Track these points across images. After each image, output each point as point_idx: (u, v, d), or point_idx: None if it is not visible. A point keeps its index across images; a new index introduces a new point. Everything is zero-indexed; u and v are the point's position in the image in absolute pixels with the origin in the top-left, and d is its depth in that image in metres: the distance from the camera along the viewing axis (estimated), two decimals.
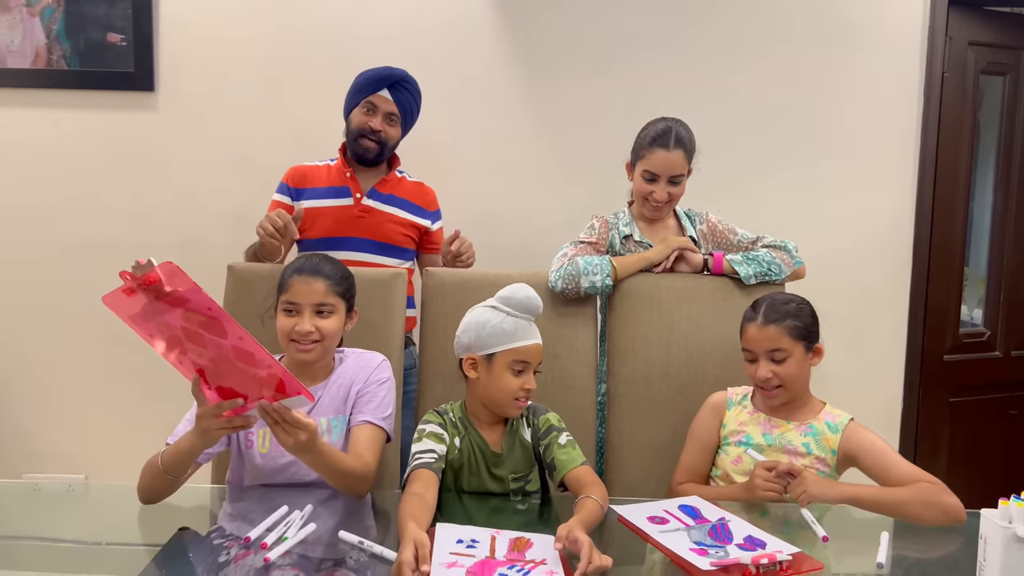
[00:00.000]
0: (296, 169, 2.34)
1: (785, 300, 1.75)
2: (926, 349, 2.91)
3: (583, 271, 2.00)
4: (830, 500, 1.54)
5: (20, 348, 2.86)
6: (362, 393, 1.70)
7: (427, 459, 1.57)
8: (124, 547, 1.55)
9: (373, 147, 2.25)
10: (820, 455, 1.70)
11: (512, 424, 1.70)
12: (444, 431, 1.65)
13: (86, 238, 2.81)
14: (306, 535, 1.39)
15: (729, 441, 1.78)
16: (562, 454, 1.63)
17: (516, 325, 1.63)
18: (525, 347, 1.62)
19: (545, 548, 1.34)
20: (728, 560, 1.29)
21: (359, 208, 2.27)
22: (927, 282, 2.89)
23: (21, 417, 2.88)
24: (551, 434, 1.68)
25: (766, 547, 1.35)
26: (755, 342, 1.72)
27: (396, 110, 2.25)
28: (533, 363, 1.63)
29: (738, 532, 1.42)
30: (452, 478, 1.66)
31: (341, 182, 2.29)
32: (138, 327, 1.35)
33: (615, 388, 2.06)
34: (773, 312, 1.71)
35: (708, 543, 1.37)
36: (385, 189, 2.31)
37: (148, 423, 2.83)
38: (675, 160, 2.03)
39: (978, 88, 2.94)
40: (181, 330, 1.32)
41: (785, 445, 1.72)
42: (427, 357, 2.06)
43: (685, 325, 2.03)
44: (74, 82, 2.72)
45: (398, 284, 2.05)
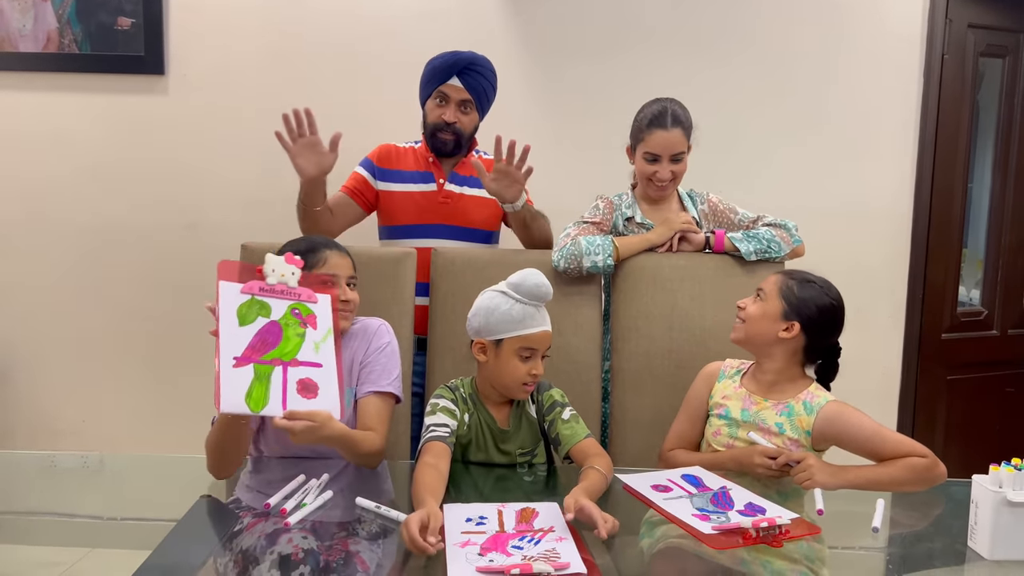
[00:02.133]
0: (384, 148, 2.31)
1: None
2: (924, 328, 2.95)
3: (585, 251, 2.04)
4: (833, 487, 1.54)
5: (34, 328, 2.90)
6: (365, 363, 1.75)
7: (441, 432, 1.62)
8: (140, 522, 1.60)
9: (450, 139, 2.22)
10: (793, 436, 1.69)
11: (518, 401, 1.75)
12: (456, 407, 1.70)
13: (97, 220, 2.85)
14: (324, 502, 1.45)
15: (713, 412, 1.81)
16: (566, 429, 1.69)
17: (524, 312, 1.64)
18: (532, 334, 1.64)
19: (551, 516, 1.39)
20: (729, 524, 1.35)
21: (442, 195, 2.25)
22: (926, 262, 2.93)
23: (35, 396, 2.93)
24: (555, 410, 1.72)
25: (766, 513, 1.40)
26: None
27: (469, 96, 2.19)
28: (540, 349, 1.66)
29: (739, 499, 1.47)
30: (460, 452, 1.71)
31: (425, 167, 2.27)
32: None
33: (619, 364, 2.11)
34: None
35: (710, 509, 1.43)
36: (465, 171, 2.28)
37: (161, 401, 2.89)
38: (674, 138, 2.06)
39: (977, 70, 2.96)
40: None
41: (759, 423, 1.73)
42: (436, 334, 2.11)
43: (687, 302, 2.08)
44: (85, 66, 2.75)
45: (407, 263, 2.09)
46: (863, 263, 2.90)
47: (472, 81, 2.19)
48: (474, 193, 2.27)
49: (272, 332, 1.48)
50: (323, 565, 1.21)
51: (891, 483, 1.57)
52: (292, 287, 1.53)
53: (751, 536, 1.32)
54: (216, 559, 1.32)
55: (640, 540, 1.40)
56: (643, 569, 1.33)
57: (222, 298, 1.45)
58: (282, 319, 1.50)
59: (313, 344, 1.51)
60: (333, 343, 1.53)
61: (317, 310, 1.55)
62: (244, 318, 1.46)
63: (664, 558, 1.35)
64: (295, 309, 1.52)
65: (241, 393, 1.40)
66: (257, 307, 1.48)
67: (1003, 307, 3.11)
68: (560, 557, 1.24)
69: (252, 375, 1.43)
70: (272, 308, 1.50)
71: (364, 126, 2.41)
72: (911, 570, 1.33)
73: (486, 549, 1.26)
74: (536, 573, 1.15)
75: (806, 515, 1.42)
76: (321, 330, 1.54)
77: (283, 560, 1.22)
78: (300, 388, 1.46)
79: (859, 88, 2.85)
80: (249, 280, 1.49)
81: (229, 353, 1.42)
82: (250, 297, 1.48)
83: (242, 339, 1.44)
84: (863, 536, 1.42)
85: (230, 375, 1.40)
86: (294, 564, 1.21)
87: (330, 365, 1.51)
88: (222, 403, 1.39)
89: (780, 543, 1.31)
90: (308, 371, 1.48)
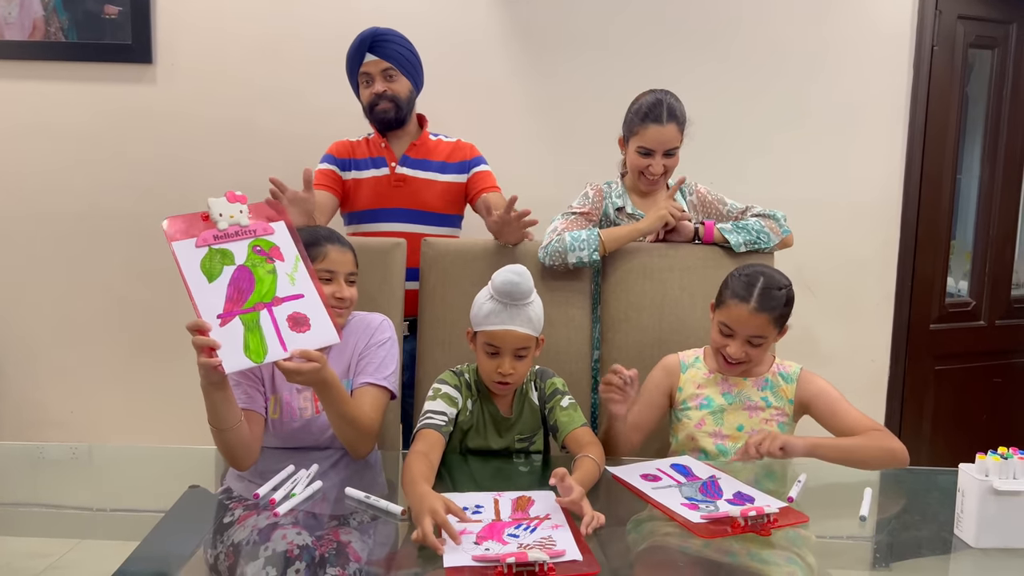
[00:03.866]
0: (340, 143, 2.37)
1: (778, 285, 1.70)
2: (913, 318, 2.97)
3: (570, 247, 2.02)
4: (799, 450, 1.56)
5: (21, 319, 2.89)
6: (363, 355, 1.74)
7: (437, 420, 1.62)
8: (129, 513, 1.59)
9: (389, 107, 2.25)
10: (778, 406, 1.75)
11: (522, 389, 1.74)
12: (459, 393, 1.70)
13: (85, 210, 2.83)
14: (313, 492, 1.45)
15: (689, 405, 1.80)
16: (563, 416, 1.69)
17: (492, 308, 1.61)
18: (494, 331, 1.61)
19: (547, 504, 1.40)
20: (718, 513, 1.36)
21: (395, 177, 2.29)
22: (914, 253, 2.95)
23: (23, 387, 2.92)
24: (555, 397, 1.72)
25: (754, 502, 1.42)
26: (740, 324, 1.69)
27: (389, 64, 2.24)
28: (505, 349, 1.62)
29: (728, 489, 1.48)
30: (460, 437, 1.72)
31: (378, 152, 2.33)
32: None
33: (609, 355, 2.11)
34: (768, 300, 1.67)
35: (699, 499, 1.44)
36: (417, 154, 2.32)
37: (150, 392, 2.88)
38: (668, 134, 2.05)
39: (967, 61, 2.97)
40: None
41: (745, 401, 1.76)
42: (425, 325, 2.11)
43: (677, 293, 2.09)
44: (72, 54, 2.73)
45: (397, 254, 2.09)
46: (852, 254, 2.91)
47: (385, 50, 2.24)
48: (429, 176, 2.31)
49: (243, 278, 1.44)
50: (315, 557, 1.21)
51: (851, 450, 1.60)
52: (245, 225, 1.48)
53: (739, 525, 1.32)
54: (206, 549, 1.31)
55: (629, 530, 1.40)
56: (633, 558, 1.33)
57: (181, 259, 1.41)
58: (247, 261, 1.46)
59: (287, 276, 1.47)
60: (305, 268, 1.49)
61: (277, 240, 1.50)
62: (211, 273, 1.42)
63: (654, 548, 1.35)
64: (256, 246, 1.47)
65: (239, 349, 1.38)
66: (219, 257, 1.44)
67: (991, 298, 3.13)
68: (556, 544, 1.24)
69: (242, 327, 1.40)
70: (234, 253, 1.45)
71: (352, 115, 2.40)
72: (898, 558, 1.34)
73: (482, 537, 1.26)
74: (532, 561, 1.15)
75: (794, 504, 1.43)
76: (289, 260, 1.49)
77: (273, 550, 1.22)
78: (292, 324, 1.44)
79: (849, 79, 2.85)
80: (201, 232, 1.44)
81: (211, 313, 1.39)
82: (208, 249, 1.43)
83: (217, 295, 1.41)
84: (850, 525, 1.43)
85: (221, 335, 1.38)
86: (284, 554, 1.21)
87: (311, 292, 1.48)
88: (225, 365, 1.37)
89: (768, 532, 1.32)
90: (293, 305, 1.45)
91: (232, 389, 1.54)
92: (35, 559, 2.18)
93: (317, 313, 1.46)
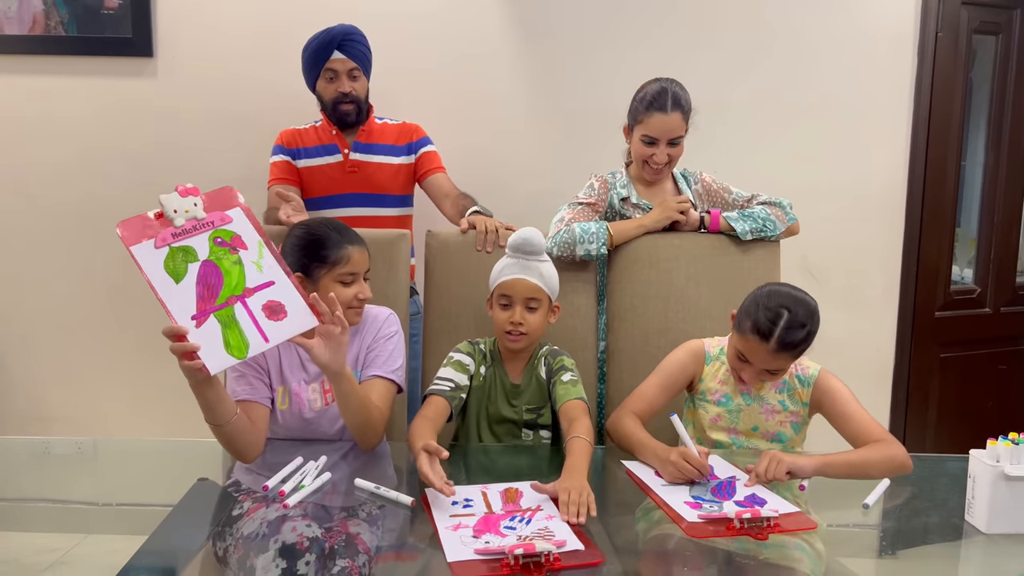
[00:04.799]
0: (287, 132, 2.43)
1: (801, 322, 1.60)
2: (918, 306, 2.96)
3: (579, 239, 2.02)
4: (806, 472, 1.51)
5: (23, 314, 2.88)
6: (371, 349, 1.74)
7: (443, 387, 1.72)
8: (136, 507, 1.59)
9: (351, 109, 2.34)
10: (794, 409, 1.74)
11: (533, 362, 1.83)
12: (472, 359, 1.80)
13: (86, 204, 2.81)
14: (322, 484, 1.44)
15: (707, 399, 1.80)
16: (561, 388, 1.75)
17: (507, 263, 1.77)
18: (507, 281, 1.74)
19: (535, 495, 1.40)
20: (717, 514, 1.34)
21: (349, 164, 2.37)
22: (919, 240, 2.94)
23: (25, 382, 2.91)
24: (560, 372, 1.79)
25: (765, 505, 1.38)
26: (757, 358, 1.65)
27: (355, 64, 2.32)
28: (516, 298, 1.74)
29: (742, 491, 1.45)
30: (475, 402, 1.79)
31: (329, 140, 2.39)
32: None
33: (615, 344, 2.11)
34: (790, 341, 1.60)
35: (707, 498, 1.42)
36: (369, 139, 2.40)
37: (154, 386, 2.88)
38: (673, 122, 2.04)
39: (971, 47, 2.96)
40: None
41: (763, 405, 1.75)
42: (431, 315, 2.10)
43: (683, 282, 2.08)
44: (72, 48, 2.71)
45: (402, 245, 2.08)
46: (857, 242, 2.90)
47: (352, 50, 2.32)
48: (381, 160, 2.39)
49: (211, 273, 1.41)
50: (324, 548, 1.21)
51: (861, 465, 1.56)
52: (201, 218, 1.44)
53: (734, 526, 1.30)
54: (215, 542, 1.31)
55: (638, 519, 1.40)
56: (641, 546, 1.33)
57: (143, 264, 1.38)
58: (211, 255, 1.42)
59: (253, 265, 1.43)
60: (270, 252, 1.46)
61: (237, 228, 1.46)
62: (176, 273, 1.39)
63: (663, 536, 1.35)
64: (217, 238, 1.43)
65: (219, 348, 1.37)
66: (181, 255, 1.40)
67: (995, 285, 3.12)
68: (555, 535, 1.24)
69: (219, 325, 1.38)
70: (196, 249, 1.42)
71: None
72: (909, 545, 1.34)
73: (479, 531, 1.26)
74: (539, 552, 1.15)
75: (807, 511, 1.40)
76: (252, 247, 1.45)
77: (283, 543, 1.22)
78: (269, 314, 1.42)
79: (853, 67, 2.83)
80: (158, 232, 1.40)
81: (184, 315, 1.37)
82: (168, 249, 1.40)
83: (187, 296, 1.38)
84: (859, 512, 1.43)
85: (198, 336, 1.36)
86: (294, 546, 1.21)
87: (280, 277, 1.45)
88: (208, 366, 1.36)
89: (765, 536, 1.28)
90: (265, 293, 1.43)
91: (229, 383, 1.54)
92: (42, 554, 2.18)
93: (291, 298, 1.44)
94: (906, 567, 1.29)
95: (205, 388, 1.43)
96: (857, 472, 1.56)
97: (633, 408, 1.76)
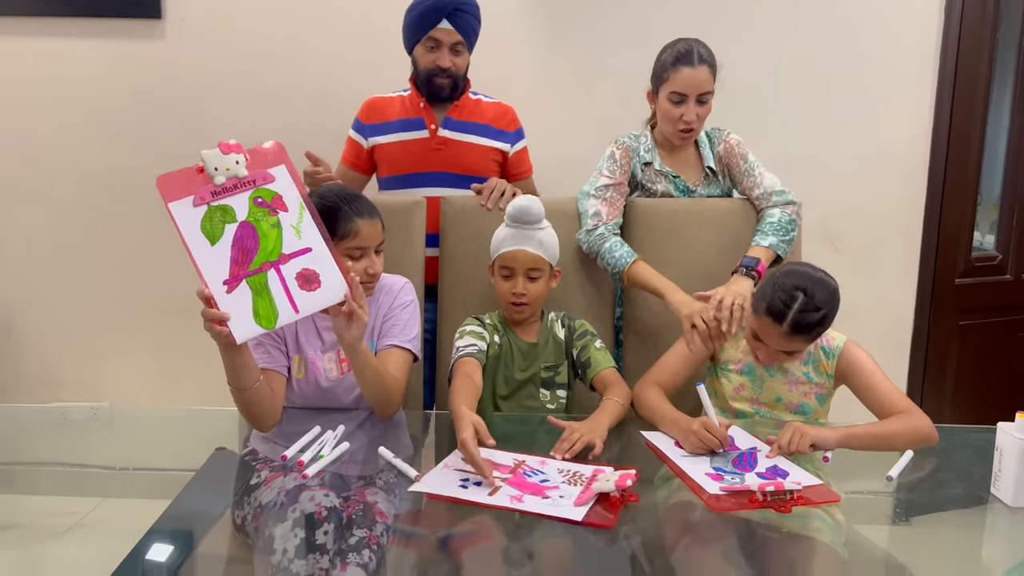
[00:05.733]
0: (369, 102, 2.24)
1: (816, 306, 1.55)
2: (938, 272, 2.92)
3: (602, 255, 1.98)
4: (830, 444, 1.48)
5: (36, 279, 2.87)
6: (387, 319, 1.72)
7: (471, 350, 1.72)
8: (151, 472, 1.60)
9: (446, 84, 2.15)
10: (819, 381, 1.72)
11: (547, 322, 1.84)
12: (483, 330, 1.79)
13: (97, 167, 2.79)
14: (340, 453, 1.44)
15: (730, 368, 1.78)
16: (598, 355, 1.78)
17: (506, 233, 1.77)
18: (508, 252, 1.75)
19: (535, 461, 1.42)
20: (739, 487, 1.32)
21: (436, 141, 2.18)
22: (941, 206, 2.88)
23: (41, 347, 2.92)
24: (586, 337, 1.81)
25: (788, 477, 1.37)
26: (770, 340, 1.62)
27: (460, 38, 2.13)
28: (518, 269, 1.74)
29: (763, 463, 1.43)
30: (490, 370, 1.78)
31: (415, 114, 2.19)
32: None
33: (631, 313, 2.08)
34: (803, 325, 1.56)
35: (728, 470, 1.40)
36: (461, 116, 2.20)
37: (169, 351, 2.88)
38: (701, 76, 1.98)
39: (999, 6, 2.87)
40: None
41: (788, 376, 1.73)
42: (446, 284, 2.08)
43: (702, 249, 2.04)
44: (81, 10, 2.66)
45: (417, 213, 2.05)
46: (878, 206, 2.85)
47: (462, 22, 2.13)
48: (471, 139, 2.21)
49: (247, 236, 1.36)
50: (342, 518, 1.20)
51: (886, 437, 1.55)
52: (243, 176, 1.37)
53: (757, 499, 1.28)
54: (233, 511, 1.31)
55: (658, 486, 1.39)
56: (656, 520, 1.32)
57: (179, 222, 1.33)
58: (249, 216, 1.36)
59: (292, 229, 1.37)
60: (311, 217, 1.40)
61: (279, 188, 1.39)
62: (212, 235, 1.34)
63: (677, 510, 1.34)
64: (257, 197, 1.37)
65: (248, 317, 1.34)
66: (219, 215, 1.35)
67: (1017, 252, 3.07)
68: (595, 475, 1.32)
69: (250, 292, 1.35)
70: (235, 209, 1.36)
71: (363, 68, 2.34)
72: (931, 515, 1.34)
73: (519, 492, 1.27)
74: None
75: (828, 482, 1.38)
76: (293, 210, 1.39)
77: (301, 512, 1.21)
78: (301, 283, 1.38)
79: (879, 28, 2.75)
80: (198, 188, 1.34)
81: (216, 280, 1.34)
82: (206, 207, 1.34)
83: (221, 259, 1.34)
84: (879, 482, 1.42)
85: (228, 303, 1.33)
86: (312, 516, 1.20)
87: (318, 244, 1.40)
88: (235, 335, 1.34)
89: (789, 509, 1.27)
90: (301, 261, 1.38)
91: (252, 349, 1.52)
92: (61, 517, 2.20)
93: (327, 267, 1.40)
94: (925, 536, 1.29)
95: (232, 352, 1.42)
96: (881, 444, 1.54)
97: (657, 379, 1.74)
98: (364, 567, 1.11)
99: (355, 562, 1.11)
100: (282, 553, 1.11)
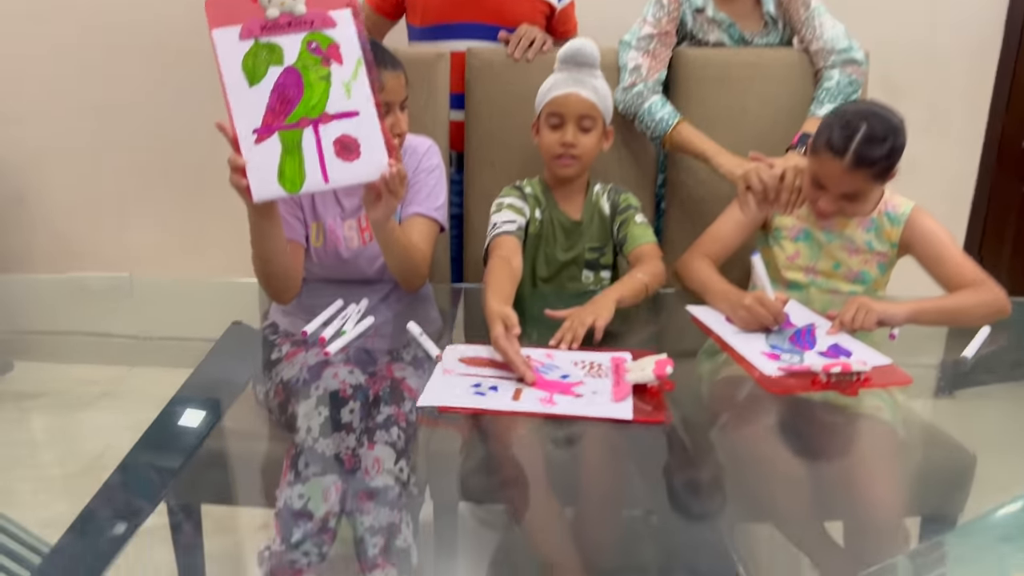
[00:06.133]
0: None
1: (882, 135, 1.41)
2: (1004, 134, 2.74)
3: (640, 117, 1.81)
4: (898, 320, 1.38)
5: (48, 147, 2.78)
6: (411, 184, 1.58)
7: (508, 228, 1.56)
8: (176, 342, 1.56)
9: None
10: (881, 249, 1.59)
11: (592, 196, 1.67)
12: (524, 203, 1.63)
13: (118, 24, 2.64)
14: (364, 329, 1.35)
15: (783, 235, 1.65)
16: (636, 230, 1.62)
17: (557, 79, 1.58)
18: (558, 97, 1.56)
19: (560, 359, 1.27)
20: (800, 367, 1.21)
21: None
22: (1014, 65, 2.66)
23: (59, 217, 2.86)
24: (628, 211, 1.65)
25: (851, 356, 1.25)
26: (832, 180, 1.47)
27: None
28: (569, 115, 1.55)
29: (823, 340, 1.32)
30: (530, 248, 1.64)
31: None
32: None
33: (675, 177, 1.94)
34: (867, 156, 1.42)
35: (785, 348, 1.29)
36: None
37: (188, 220, 2.82)
38: None
39: None
40: None
41: (848, 243, 1.60)
42: (473, 144, 1.93)
43: (756, 105, 1.86)
44: None
45: (441, 66, 1.88)
46: (946, 57, 2.66)
47: None
48: None
49: (291, 83, 1.20)
50: (369, 396, 1.13)
51: (955, 311, 1.45)
52: (300, 14, 1.20)
53: (820, 381, 1.17)
54: (255, 384, 1.27)
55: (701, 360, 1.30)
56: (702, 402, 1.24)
57: (220, 53, 1.18)
58: (298, 61, 1.20)
59: (343, 86, 1.21)
60: (366, 75, 1.23)
61: (338, 36, 1.21)
62: (253, 74, 1.19)
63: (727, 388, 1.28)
64: (312, 42, 1.20)
65: (272, 174, 1.20)
66: (265, 54, 1.19)
67: None
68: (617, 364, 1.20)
69: (279, 148, 1.21)
70: (284, 50, 1.20)
71: None
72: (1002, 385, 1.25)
73: (547, 392, 1.13)
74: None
75: (897, 362, 1.25)
76: (349, 63, 1.21)
77: (325, 389, 1.13)
78: (339, 149, 1.23)
79: None
80: (247, 19, 1.18)
81: (247, 126, 1.19)
82: (253, 42, 1.18)
83: (257, 104, 1.19)
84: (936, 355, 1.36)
85: (254, 155, 1.20)
86: (337, 394, 1.12)
87: (368, 110, 1.22)
88: (253, 192, 1.20)
89: (855, 392, 1.17)
90: (343, 125, 1.22)
91: None
92: (89, 385, 2.22)
93: (371, 138, 1.23)
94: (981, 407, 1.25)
95: (262, 214, 1.30)
96: (952, 319, 1.44)
97: (706, 250, 1.63)
98: (392, 445, 1.04)
99: (383, 440, 1.05)
100: (306, 431, 1.05)
